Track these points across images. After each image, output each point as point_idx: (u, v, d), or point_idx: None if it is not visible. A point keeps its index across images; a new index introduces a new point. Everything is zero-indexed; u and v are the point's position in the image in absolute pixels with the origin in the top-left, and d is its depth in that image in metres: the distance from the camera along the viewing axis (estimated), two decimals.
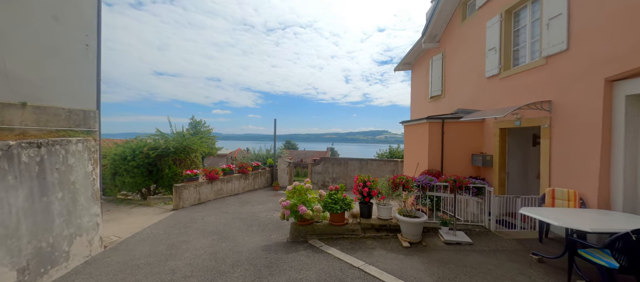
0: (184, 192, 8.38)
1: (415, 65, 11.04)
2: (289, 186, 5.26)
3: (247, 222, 6.70)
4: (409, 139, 7.95)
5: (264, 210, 8.13)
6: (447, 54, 8.30)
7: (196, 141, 10.57)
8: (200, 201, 8.97)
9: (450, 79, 8.17)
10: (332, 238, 4.86)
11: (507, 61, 5.81)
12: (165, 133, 10.29)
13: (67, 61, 4.31)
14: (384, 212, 4.95)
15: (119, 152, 9.81)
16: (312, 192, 5.16)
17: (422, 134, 6.97)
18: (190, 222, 6.63)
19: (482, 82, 6.57)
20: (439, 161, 6.64)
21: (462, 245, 4.20)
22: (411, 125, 7.70)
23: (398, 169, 11.21)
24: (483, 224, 4.91)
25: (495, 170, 5.96)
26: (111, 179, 9.84)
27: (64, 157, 3.76)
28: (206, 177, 9.30)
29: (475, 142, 6.58)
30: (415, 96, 11.06)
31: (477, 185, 4.66)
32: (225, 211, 7.87)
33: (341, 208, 4.85)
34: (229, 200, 9.50)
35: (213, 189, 9.50)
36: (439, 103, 8.70)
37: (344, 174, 12.03)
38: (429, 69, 9.40)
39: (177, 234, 5.69)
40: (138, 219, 7.15)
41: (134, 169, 9.46)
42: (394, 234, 4.79)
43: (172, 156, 9.78)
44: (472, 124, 6.57)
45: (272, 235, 5.79)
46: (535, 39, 5.23)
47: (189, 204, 8.53)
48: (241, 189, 10.97)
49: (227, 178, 10.18)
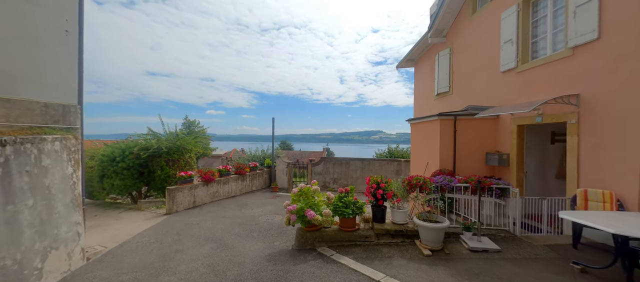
0: (178, 195, 7.83)
1: (419, 62, 10.70)
2: (295, 188, 4.80)
3: (247, 228, 6.21)
4: (416, 138, 7.57)
5: (264, 213, 7.64)
6: (455, 49, 7.96)
7: (190, 140, 10.00)
8: (195, 205, 8.43)
9: (458, 75, 7.83)
10: (343, 245, 4.43)
11: (525, 54, 5.47)
12: (158, 133, 9.70)
13: (43, 48, 3.78)
14: (399, 216, 4.53)
15: (107, 153, 9.18)
16: (320, 194, 4.72)
17: (432, 132, 6.59)
18: (185, 228, 6.11)
19: (496, 77, 6.23)
20: (451, 160, 6.26)
21: (489, 252, 3.81)
22: (419, 123, 7.32)
23: (402, 169, 10.85)
24: (506, 228, 4.53)
25: (512, 169, 5.61)
26: (99, 181, 9.20)
27: (36, 158, 3.23)
28: (201, 179, 8.75)
29: (489, 140, 6.23)
30: (419, 94, 10.72)
31: (500, 186, 4.29)
32: (222, 215, 7.35)
33: (353, 212, 4.41)
34: (226, 203, 8.97)
35: (209, 192, 8.97)
36: (447, 100, 8.35)
37: (345, 175, 11.62)
38: (435, 65, 9.05)
39: (171, 242, 5.17)
40: (127, 225, 6.58)
41: (124, 170, 8.85)
42: (411, 240, 4.38)
43: (164, 156, 9.20)
44: (486, 121, 6.22)
45: (275, 241, 5.32)
46: (558, 29, 4.90)
47: (183, 208, 7.98)
48: (238, 191, 10.44)
49: (223, 179, 9.65)
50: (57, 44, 3.97)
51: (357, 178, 11.43)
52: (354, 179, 11.46)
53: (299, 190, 4.74)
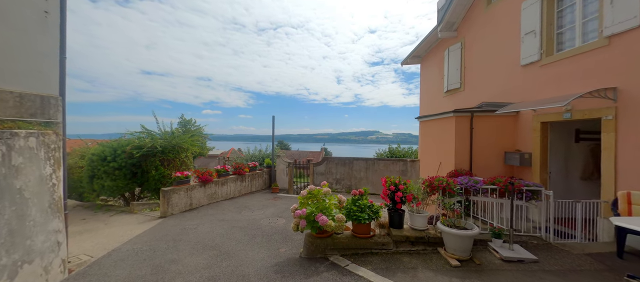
0: (173, 197, 7.32)
1: (426, 59, 10.32)
2: (303, 190, 4.35)
3: (249, 233, 5.74)
4: (427, 136, 7.17)
5: (266, 216, 7.17)
6: (467, 43, 7.58)
7: (187, 139, 9.48)
8: (192, 207, 7.92)
9: (471, 71, 7.45)
10: (358, 254, 3.99)
11: (550, 46, 5.10)
12: (152, 131, 9.17)
13: (16, 29, 3.28)
14: (419, 221, 4.11)
15: (97, 152, 8.62)
16: (332, 197, 4.27)
17: (446, 130, 6.20)
18: (181, 234, 5.62)
19: (515, 71, 5.85)
20: (467, 159, 5.87)
21: (525, 263, 3.41)
22: (431, 121, 6.92)
23: (407, 169, 10.45)
24: (538, 234, 4.13)
25: (535, 170, 5.23)
26: (88, 182, 8.64)
27: (5, 156, 2.73)
28: (198, 180, 8.25)
29: (508, 138, 5.85)
30: (426, 91, 10.34)
31: (532, 188, 3.89)
32: (221, 218, 6.87)
33: (369, 217, 3.98)
34: (224, 205, 8.48)
35: (206, 193, 8.46)
36: (457, 97, 7.97)
37: (348, 175, 11.19)
38: (444, 61, 8.67)
39: (165, 249, 4.68)
40: (118, 230, 6.06)
41: (115, 171, 8.30)
42: (433, 248, 3.96)
43: (159, 155, 8.67)
44: (504, 118, 5.84)
45: (281, 248, 4.86)
46: (588, 18, 4.53)
47: (178, 211, 7.47)
48: (237, 192, 9.95)
49: (222, 180, 9.15)
50: (34, 25, 3.47)
51: (361, 178, 11.01)
52: (357, 180, 11.05)
53: (309, 192, 4.29)
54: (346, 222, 4.11)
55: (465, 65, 7.64)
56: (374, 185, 10.82)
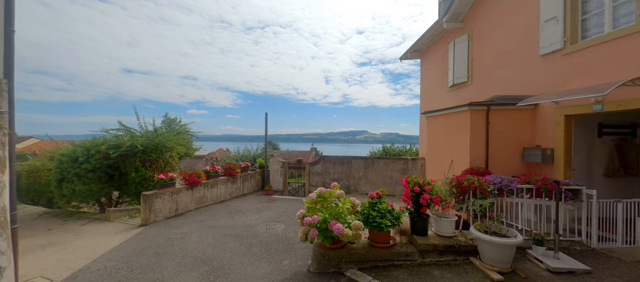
0: (156, 202, 6.49)
1: (427, 53, 9.93)
2: (312, 193, 3.72)
3: (245, 241, 5.05)
4: (435, 133, 6.71)
5: (261, 221, 6.48)
6: (475, 34, 7.19)
7: (172, 137, 8.61)
8: (178, 212, 7.10)
9: (480, 63, 7.06)
10: (378, 267, 3.42)
11: (574, 33, 4.73)
12: (132, 128, 8.24)
13: None
14: (446, 227, 3.59)
15: (67, 153, 7.62)
16: (345, 200, 3.67)
17: (460, 125, 5.75)
18: (166, 245, 4.85)
19: (533, 62, 5.47)
20: (483, 156, 5.44)
21: (577, 274, 2.95)
22: (441, 116, 6.46)
23: (408, 168, 10.02)
24: (577, 238, 3.71)
25: (558, 167, 4.85)
26: (57, 186, 7.61)
27: None
28: (185, 182, 7.44)
29: (526, 133, 5.47)
30: (427, 87, 9.94)
31: (572, 187, 3.45)
32: (212, 225, 6.12)
33: (392, 223, 3.42)
34: (214, 209, 7.70)
35: (194, 197, 7.66)
36: (464, 91, 7.58)
37: (347, 175, 10.64)
38: (448, 54, 8.28)
39: (146, 267, 3.92)
40: (89, 242, 5.20)
41: (88, 173, 7.34)
42: (465, 257, 3.44)
43: (140, 156, 7.77)
44: (521, 112, 5.45)
45: (284, 260, 4.22)
46: (619, 2, 4.17)
47: (162, 217, 6.64)
48: (228, 195, 9.17)
49: (211, 182, 8.36)
50: None
51: (360, 178, 10.49)
52: (356, 179, 10.52)
53: (318, 195, 3.67)
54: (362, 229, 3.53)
55: (473, 58, 7.25)
56: (373, 185, 10.33)
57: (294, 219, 6.70)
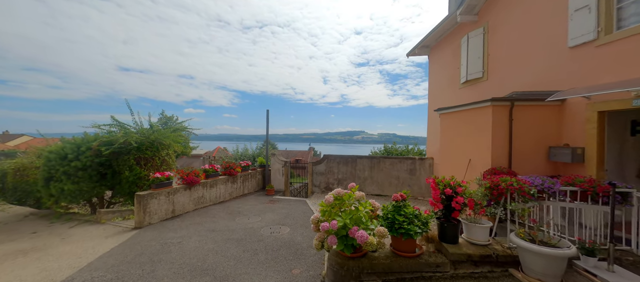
0: (152, 203, 6.02)
1: (436, 49, 9.56)
2: (328, 195, 3.29)
3: (249, 247, 4.61)
4: (450, 130, 6.33)
5: (265, 224, 6.04)
6: (491, 27, 6.83)
7: (169, 134, 8.13)
8: (175, 214, 6.63)
9: (497, 58, 6.70)
10: (405, 279, 3.00)
11: (609, 22, 4.37)
12: (126, 123, 7.74)
13: None
14: (480, 233, 3.19)
15: (56, 150, 7.10)
16: (365, 203, 3.24)
17: (480, 122, 5.37)
18: (161, 251, 4.39)
19: (560, 54, 5.10)
20: (505, 155, 5.07)
21: None
22: (458, 113, 6.08)
23: (416, 168, 9.65)
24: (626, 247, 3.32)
25: (589, 166, 4.48)
26: (44, 185, 7.10)
27: None
28: (182, 182, 6.97)
29: (552, 131, 5.10)
30: (437, 84, 9.57)
31: (622, 190, 3.07)
32: (211, 228, 5.67)
33: (421, 230, 3.01)
34: (213, 210, 7.24)
35: (192, 197, 7.19)
36: (479, 88, 7.21)
37: (351, 175, 10.23)
38: (460, 50, 7.91)
39: (139, 278, 3.47)
40: (77, 247, 4.72)
41: (78, 171, 6.84)
42: (503, 269, 3.04)
43: (134, 153, 7.28)
44: (547, 108, 5.08)
45: (294, 269, 3.80)
46: None
47: (158, 219, 6.17)
48: (228, 195, 8.72)
49: (210, 182, 7.89)
50: None
51: (366, 178, 10.09)
52: (361, 180, 10.11)
53: (336, 197, 3.25)
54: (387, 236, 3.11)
55: (489, 53, 6.89)
56: (379, 185, 9.94)
57: (299, 221, 6.28)
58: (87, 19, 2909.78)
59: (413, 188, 9.68)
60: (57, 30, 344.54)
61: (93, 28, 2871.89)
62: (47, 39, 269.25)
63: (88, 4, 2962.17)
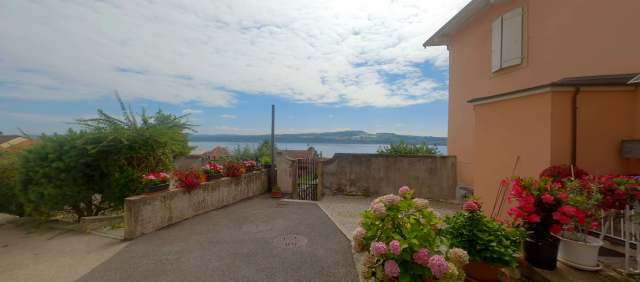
0: (145, 210, 5.14)
1: (459, 37, 8.73)
2: (377, 204, 2.43)
3: (262, 265, 3.75)
4: (490, 123, 5.50)
5: (277, 233, 5.18)
6: (532, 5, 6.00)
7: (165, 130, 7.25)
8: (172, 222, 5.76)
9: (541, 40, 5.88)
10: None
11: None
12: (116, 119, 6.85)
13: None
14: (586, 255, 2.35)
15: (35, 149, 6.22)
16: (431, 215, 2.38)
17: (533, 112, 4.54)
18: (154, 273, 3.51)
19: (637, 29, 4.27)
20: (568, 151, 4.24)
21: None
22: (499, 103, 5.24)
23: (437, 168, 8.82)
24: None
25: None
26: (22, 189, 6.21)
27: None
28: (181, 184, 6.10)
29: (622, 122, 4.27)
30: (460, 75, 8.73)
31: None
32: (215, 239, 4.79)
33: (513, 250, 2.16)
34: (216, 216, 6.37)
35: (192, 202, 6.32)
36: (516, 76, 6.39)
37: (365, 175, 9.38)
38: (491, 35, 7.09)
39: None
40: (50, 266, 3.84)
41: (61, 173, 5.95)
42: None
43: (125, 152, 6.41)
44: (617, 95, 4.26)
45: None
46: None
47: (152, 228, 5.30)
48: (232, 199, 7.85)
49: (212, 184, 7.02)
50: None
51: (381, 179, 9.24)
52: (376, 181, 9.27)
53: (389, 205, 2.39)
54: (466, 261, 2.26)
55: (530, 35, 6.06)
56: (396, 187, 9.09)
57: (316, 229, 5.42)
58: (84, 20, 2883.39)
59: (433, 189, 8.85)
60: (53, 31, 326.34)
61: (90, 29, 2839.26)
62: (43, 40, 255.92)
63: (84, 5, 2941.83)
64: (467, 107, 8.19)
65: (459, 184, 8.45)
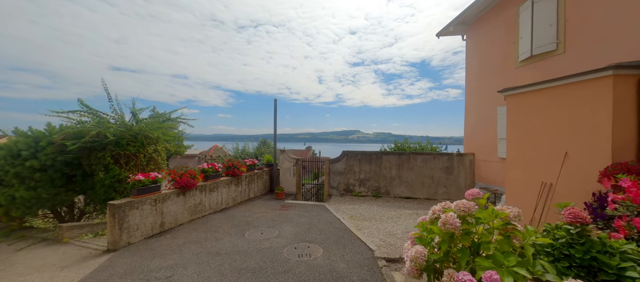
0: (132, 215, 4.40)
1: (478, 24, 8.09)
2: (445, 215, 1.74)
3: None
4: (530, 115, 4.84)
5: (286, 240, 4.48)
6: None
7: (157, 125, 6.49)
8: (164, 228, 5.02)
9: (581, 23, 5.26)
10: None
11: None
12: (101, 112, 6.07)
13: None
14: None
15: (5, 146, 5.42)
16: (531, 232, 1.70)
17: (586, 101, 3.90)
18: None
19: None
20: (633, 146, 3.60)
21: None
22: (544, 90, 4.59)
23: (454, 166, 8.18)
24: None
25: None
26: None
27: None
28: (175, 185, 5.35)
29: None
30: (478, 67, 8.09)
31: None
32: (215, 250, 4.07)
33: None
34: (215, 221, 5.65)
35: (187, 205, 5.58)
36: (550, 64, 5.76)
37: (376, 174, 8.71)
38: (518, 20, 6.47)
39: None
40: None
41: (35, 173, 5.18)
42: None
43: (111, 149, 5.64)
44: None
45: None
46: None
47: (141, 237, 4.55)
48: (231, 201, 7.12)
49: (209, 184, 6.29)
50: None
51: (393, 178, 8.58)
52: (388, 180, 8.60)
53: (465, 215, 1.71)
54: None
55: (567, 18, 5.43)
56: (409, 186, 8.44)
57: (330, 236, 4.73)
58: (78, 18, 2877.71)
59: (450, 190, 8.21)
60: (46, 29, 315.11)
61: (84, 27, 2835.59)
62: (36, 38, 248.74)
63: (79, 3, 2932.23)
64: (486, 100, 7.58)
65: (478, 184, 7.82)
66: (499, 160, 7.11)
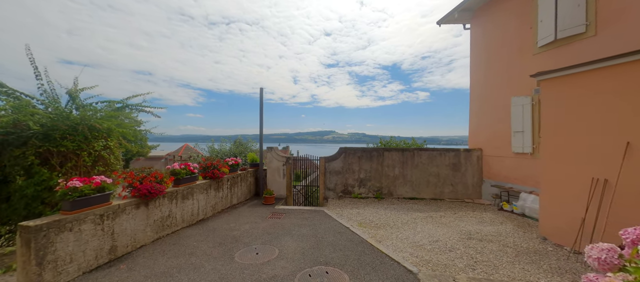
0: (61, 241, 2.90)
1: (486, 9, 7.52)
2: None
3: None
4: (576, 101, 4.17)
5: (292, 263, 3.30)
6: None
7: (110, 114, 4.88)
8: (116, 255, 3.54)
9: (615, 1, 4.74)
10: None
11: None
12: (19, 92, 4.33)
13: None
14: None
15: None
16: None
17: None
18: None
19: None
20: None
21: None
22: (595, 71, 3.93)
23: (461, 162, 7.53)
24: None
25: None
26: None
27: None
28: (134, 193, 3.88)
29: None
30: (486, 56, 7.51)
31: None
32: None
33: None
34: (190, 238, 4.25)
35: (151, 219, 4.12)
36: (577, 48, 5.23)
37: (377, 173, 7.78)
38: (536, 1, 5.91)
39: None
40: None
41: None
42: None
43: (37, 144, 3.98)
44: None
45: None
46: None
47: (78, 271, 3.06)
48: (210, 209, 5.71)
49: (183, 190, 4.86)
50: None
51: (396, 177, 7.71)
52: (391, 179, 7.71)
53: None
54: None
55: None
56: (413, 186, 7.64)
57: (349, 252, 3.64)
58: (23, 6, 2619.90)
59: (457, 188, 7.55)
60: None
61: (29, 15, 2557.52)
62: None
63: None
64: (496, 91, 6.98)
65: (488, 181, 7.24)
66: (513, 155, 6.54)
